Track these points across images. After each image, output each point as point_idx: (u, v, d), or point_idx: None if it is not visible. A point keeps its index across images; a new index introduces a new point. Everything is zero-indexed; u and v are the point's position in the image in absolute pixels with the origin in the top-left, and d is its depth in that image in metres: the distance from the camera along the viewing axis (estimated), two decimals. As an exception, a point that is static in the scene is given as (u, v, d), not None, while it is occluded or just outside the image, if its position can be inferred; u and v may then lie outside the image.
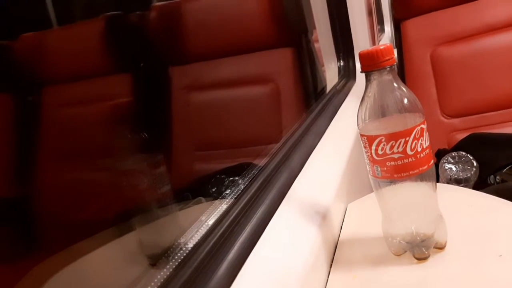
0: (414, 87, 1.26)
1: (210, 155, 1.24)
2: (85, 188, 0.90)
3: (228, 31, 1.23)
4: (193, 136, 1.24)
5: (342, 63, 1.20)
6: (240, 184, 0.52)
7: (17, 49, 1.09)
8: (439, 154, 1.01)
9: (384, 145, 0.42)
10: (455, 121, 1.22)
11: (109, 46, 1.15)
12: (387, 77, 0.42)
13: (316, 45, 1.29)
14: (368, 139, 0.43)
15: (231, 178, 0.59)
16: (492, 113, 1.17)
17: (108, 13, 1.17)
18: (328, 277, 0.47)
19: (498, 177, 0.89)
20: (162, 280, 0.33)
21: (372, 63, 0.42)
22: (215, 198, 0.50)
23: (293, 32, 1.25)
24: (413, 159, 0.42)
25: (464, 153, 0.91)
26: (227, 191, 0.51)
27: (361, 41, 1.23)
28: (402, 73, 1.33)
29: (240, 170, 0.58)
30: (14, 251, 0.78)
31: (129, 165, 0.66)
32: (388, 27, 2.52)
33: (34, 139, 1.06)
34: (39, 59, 1.14)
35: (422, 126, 0.42)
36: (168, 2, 1.32)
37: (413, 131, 0.41)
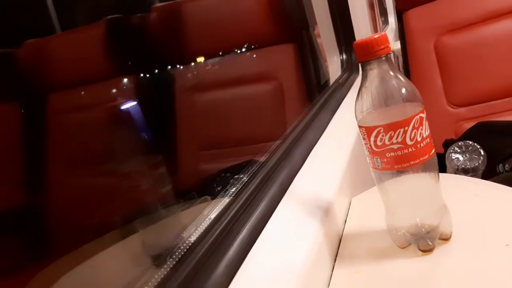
0: (418, 78, 1.25)
1: (215, 154, 1.24)
2: (90, 192, 0.90)
3: (229, 29, 1.23)
4: (198, 136, 1.24)
5: (344, 56, 1.19)
6: (241, 181, 0.51)
7: (22, 56, 1.10)
8: (447, 144, 1.00)
9: (383, 136, 0.41)
10: (462, 110, 1.20)
11: (111, 49, 1.16)
12: (383, 66, 0.42)
13: (318, 40, 1.28)
14: (367, 131, 0.42)
15: (236, 176, 0.59)
16: (499, 101, 1.15)
17: (110, 16, 1.18)
18: (332, 272, 0.46)
19: (507, 166, 0.87)
20: (159, 280, 0.33)
21: (367, 53, 0.41)
22: (221, 197, 0.50)
23: (294, 28, 1.24)
24: (413, 149, 0.41)
25: (471, 142, 0.89)
26: (229, 189, 0.50)
27: (363, 34, 1.22)
28: (406, 64, 1.31)
29: (245, 167, 0.58)
30: (23, 254, 0.79)
31: (131, 167, 0.66)
32: (392, 19, 2.49)
33: (40, 146, 1.07)
34: (43, 66, 1.15)
35: (421, 115, 0.41)
36: (169, 2, 1.32)
37: (411, 121, 0.40)
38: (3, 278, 0.64)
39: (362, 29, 1.21)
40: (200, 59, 1.26)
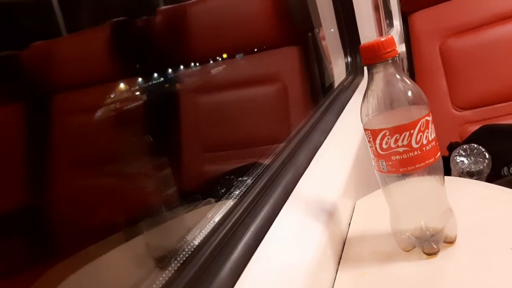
0: (424, 80, 1.24)
1: (220, 156, 1.24)
2: (95, 194, 0.91)
3: (234, 32, 1.23)
4: (203, 138, 1.24)
5: (349, 59, 1.19)
6: (245, 183, 0.51)
7: (28, 57, 1.11)
8: (451, 147, 0.99)
9: (388, 139, 0.41)
10: (467, 113, 1.19)
11: (116, 51, 1.16)
12: (389, 69, 0.42)
13: (323, 42, 1.28)
14: (372, 133, 0.42)
15: (240, 179, 0.59)
16: (504, 104, 1.15)
17: (114, 19, 1.18)
18: (336, 274, 0.46)
19: (511, 169, 0.87)
20: (164, 282, 0.33)
21: (373, 56, 0.41)
22: (226, 199, 0.50)
23: (299, 30, 1.24)
24: (419, 152, 0.41)
25: (475, 145, 0.89)
26: (233, 191, 0.50)
27: (368, 36, 1.22)
28: (411, 67, 1.31)
29: (250, 170, 0.58)
30: (29, 255, 0.79)
31: (136, 169, 0.66)
32: (397, 21, 2.49)
33: (45, 147, 1.08)
34: (49, 67, 1.15)
35: (427, 118, 0.41)
36: (174, 5, 1.32)
37: (417, 124, 0.40)
38: (9, 278, 0.65)
39: (367, 31, 1.21)
40: (205, 62, 1.26)
